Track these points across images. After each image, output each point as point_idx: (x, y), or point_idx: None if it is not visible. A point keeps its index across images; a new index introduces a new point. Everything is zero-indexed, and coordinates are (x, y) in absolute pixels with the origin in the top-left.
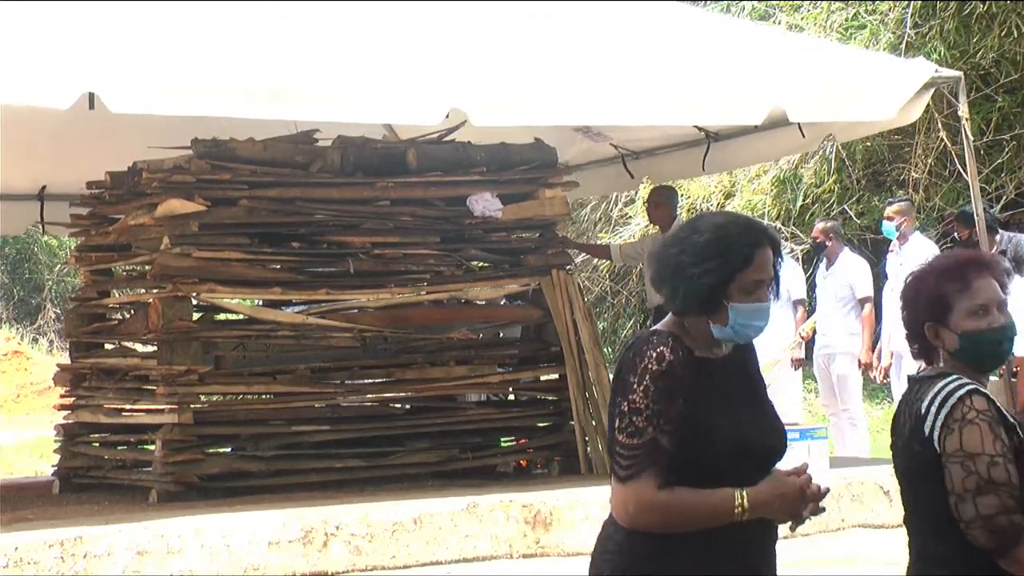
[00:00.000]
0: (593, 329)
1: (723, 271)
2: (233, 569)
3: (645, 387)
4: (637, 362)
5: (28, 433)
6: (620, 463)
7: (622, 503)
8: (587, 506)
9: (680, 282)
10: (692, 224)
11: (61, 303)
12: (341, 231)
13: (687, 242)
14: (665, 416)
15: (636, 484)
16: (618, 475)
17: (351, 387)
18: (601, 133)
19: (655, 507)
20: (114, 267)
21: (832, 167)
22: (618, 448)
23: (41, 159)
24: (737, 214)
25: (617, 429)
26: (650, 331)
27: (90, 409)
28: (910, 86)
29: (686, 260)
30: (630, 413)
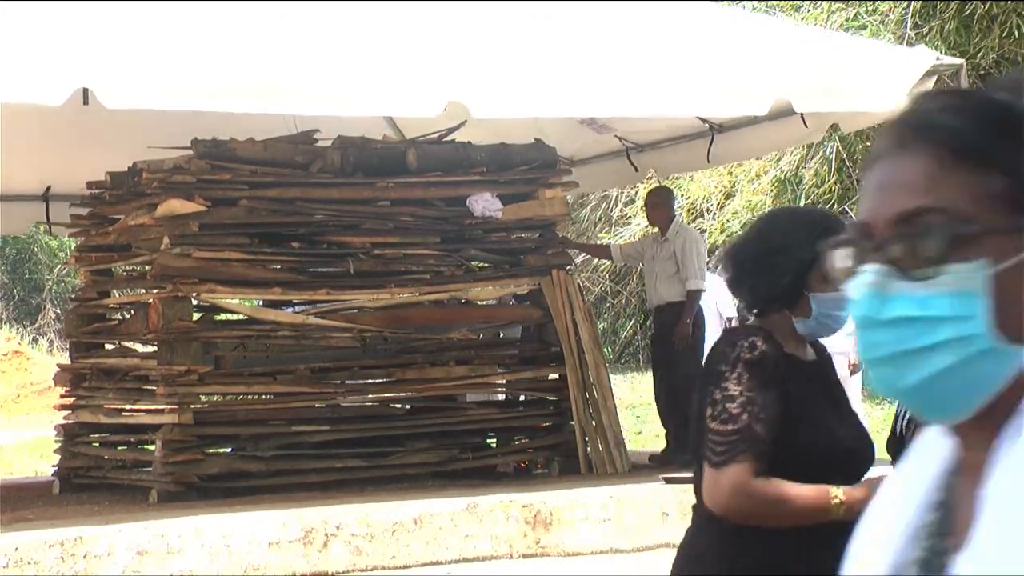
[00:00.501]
0: (593, 329)
1: (804, 260)
2: (233, 569)
3: (738, 375)
4: (728, 352)
5: (28, 433)
6: (714, 449)
7: (716, 488)
8: (587, 506)
9: (762, 276)
10: (768, 218)
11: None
12: (341, 231)
13: (766, 235)
14: (759, 404)
15: (730, 469)
16: (712, 461)
17: (351, 387)
18: (606, 125)
19: (751, 493)
20: (114, 267)
21: (833, 167)
22: (711, 436)
23: (46, 160)
24: (809, 207)
25: (709, 417)
26: (738, 327)
27: (90, 409)
28: (912, 74)
29: (767, 253)
30: (723, 400)
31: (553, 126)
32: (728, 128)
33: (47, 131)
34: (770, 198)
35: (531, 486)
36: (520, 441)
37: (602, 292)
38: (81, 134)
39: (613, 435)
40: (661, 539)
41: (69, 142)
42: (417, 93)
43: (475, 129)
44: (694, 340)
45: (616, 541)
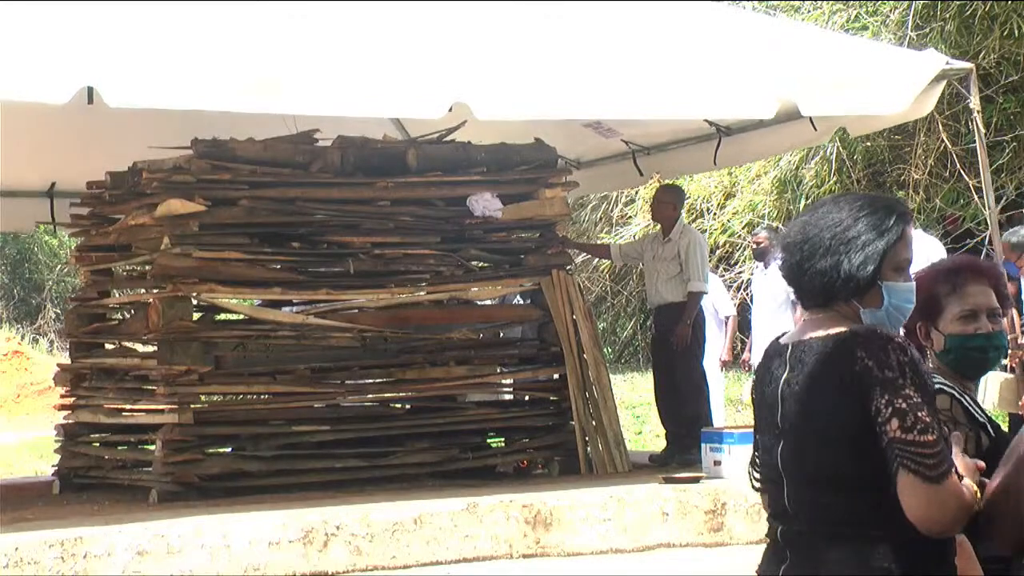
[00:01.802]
0: (593, 329)
1: (880, 248)
2: (233, 569)
3: (911, 379)
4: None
5: (28, 433)
6: (926, 463)
7: (938, 505)
8: (587, 506)
9: (838, 262)
10: (836, 206)
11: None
12: (341, 231)
13: (839, 221)
14: (934, 407)
15: (951, 482)
16: (929, 476)
17: (351, 387)
18: (612, 129)
19: (967, 505)
20: (114, 267)
21: (833, 168)
22: (913, 449)
23: (51, 156)
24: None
25: (902, 429)
26: (862, 326)
27: (90, 409)
28: (922, 78)
29: (844, 239)
30: (911, 410)
31: (558, 129)
32: (735, 131)
33: (52, 127)
34: (771, 198)
35: (531, 486)
36: (520, 441)
37: (602, 292)
38: (86, 131)
39: (613, 435)
40: (661, 539)
41: (74, 139)
42: (421, 94)
43: (478, 129)
44: (694, 341)
45: (616, 541)
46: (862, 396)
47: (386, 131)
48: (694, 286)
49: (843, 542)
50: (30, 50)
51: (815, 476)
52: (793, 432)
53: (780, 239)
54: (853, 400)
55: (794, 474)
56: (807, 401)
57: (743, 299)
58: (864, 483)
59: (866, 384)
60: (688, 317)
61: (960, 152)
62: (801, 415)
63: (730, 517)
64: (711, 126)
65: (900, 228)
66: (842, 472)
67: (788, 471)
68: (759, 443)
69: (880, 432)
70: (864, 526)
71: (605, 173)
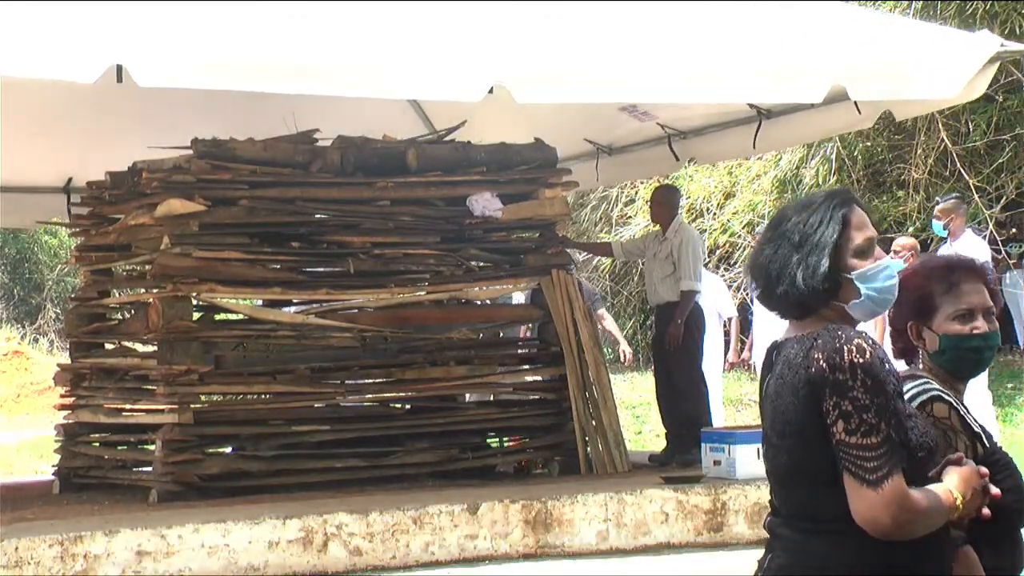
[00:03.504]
0: (593, 329)
1: (828, 243)
2: (233, 569)
3: (862, 381)
4: (838, 358)
5: (28, 433)
6: (864, 466)
7: (882, 508)
8: (587, 506)
9: (794, 275)
10: (777, 218)
11: (61, 303)
12: (341, 231)
13: (782, 234)
14: (887, 409)
15: (891, 485)
16: (866, 480)
17: (351, 387)
18: (648, 112)
19: (914, 508)
20: (114, 267)
21: (833, 167)
22: (854, 452)
23: (67, 151)
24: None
25: (845, 432)
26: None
27: (90, 409)
28: (975, 61)
29: (791, 250)
30: (857, 411)
31: (589, 111)
32: (776, 114)
33: (68, 121)
34: (770, 198)
35: (531, 486)
36: (520, 441)
37: (602, 292)
38: (103, 124)
39: (613, 435)
40: (661, 539)
41: (90, 134)
42: (459, 77)
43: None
44: (691, 341)
45: (616, 541)
46: (816, 396)
47: (412, 123)
48: (685, 285)
49: (820, 537)
50: (57, 27)
51: (788, 474)
52: (767, 431)
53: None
54: (809, 400)
55: (771, 471)
56: (776, 401)
57: (743, 299)
58: (825, 480)
59: (818, 385)
60: (680, 316)
61: (960, 152)
62: (769, 414)
63: (730, 517)
64: (752, 108)
65: (842, 213)
66: (811, 471)
67: (767, 468)
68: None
69: (830, 433)
70: (839, 522)
71: (639, 159)
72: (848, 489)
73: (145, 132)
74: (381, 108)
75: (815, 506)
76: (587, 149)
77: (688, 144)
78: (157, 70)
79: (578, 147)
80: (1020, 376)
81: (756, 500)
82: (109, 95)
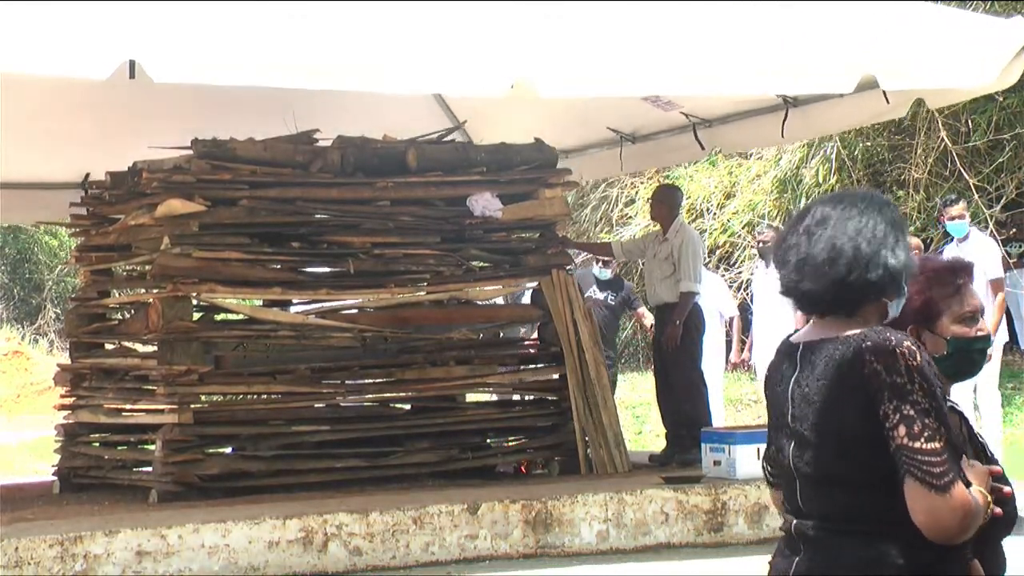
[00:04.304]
0: (593, 329)
1: (904, 239)
2: (233, 569)
3: (919, 384)
4: (895, 360)
5: (28, 433)
6: (931, 472)
7: (950, 514)
8: (587, 506)
9: (885, 267)
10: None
11: (61, 303)
12: (341, 231)
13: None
14: (943, 413)
15: (958, 491)
16: (934, 485)
17: (351, 387)
18: (671, 101)
19: (974, 512)
20: (114, 267)
21: (833, 167)
22: (920, 457)
23: (84, 147)
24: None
25: (908, 437)
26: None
27: (90, 409)
28: (1010, 48)
29: (880, 244)
30: (919, 416)
31: (612, 100)
32: (804, 102)
33: (86, 116)
34: (771, 198)
35: (531, 486)
36: (520, 441)
37: None
38: (121, 119)
39: (613, 435)
40: (661, 539)
41: (107, 130)
42: (481, 72)
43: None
44: (690, 341)
45: (616, 541)
46: (870, 400)
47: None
48: (685, 286)
49: (856, 539)
50: (70, 23)
51: (826, 476)
52: (803, 432)
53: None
54: (861, 403)
55: (805, 473)
56: (817, 402)
57: (743, 299)
58: (874, 484)
59: (874, 388)
60: (678, 317)
61: (960, 151)
62: (811, 416)
63: (730, 517)
64: (778, 97)
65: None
66: (852, 473)
67: (799, 470)
68: (772, 440)
69: (888, 437)
70: (876, 524)
71: (663, 147)
72: (912, 494)
73: (161, 127)
74: (407, 105)
75: (855, 508)
76: (610, 137)
77: (714, 132)
78: (172, 65)
79: (601, 135)
80: (1020, 376)
81: (756, 500)
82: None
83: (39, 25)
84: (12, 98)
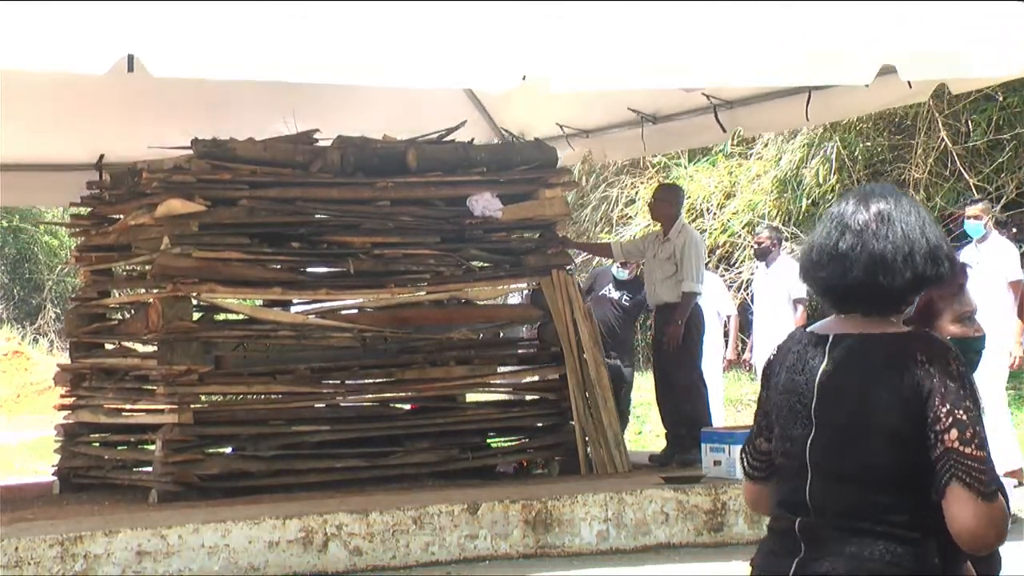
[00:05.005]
0: (593, 329)
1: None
2: (233, 569)
3: (970, 392)
4: (947, 366)
5: (28, 433)
6: (981, 479)
7: (992, 523)
8: (587, 506)
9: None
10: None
11: (61, 303)
12: (341, 231)
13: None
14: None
15: (1001, 502)
16: (982, 493)
17: (351, 387)
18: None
19: (1007, 524)
20: (114, 267)
21: (833, 167)
22: (971, 463)
23: (98, 127)
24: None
25: (960, 442)
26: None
27: (90, 409)
28: None
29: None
30: (971, 423)
31: None
32: (826, 85)
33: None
34: (770, 198)
35: (531, 486)
36: (520, 441)
37: None
38: (134, 100)
39: (613, 435)
40: (661, 539)
41: (122, 111)
42: (492, 65)
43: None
44: (691, 341)
45: (616, 541)
46: (920, 400)
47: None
48: (687, 287)
49: (872, 539)
50: (67, 17)
51: (853, 472)
52: (832, 425)
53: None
54: (909, 403)
55: (826, 467)
56: (856, 396)
57: (743, 299)
58: (903, 484)
59: (926, 389)
60: (680, 317)
61: (960, 151)
62: (846, 409)
63: (730, 517)
64: None
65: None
66: (882, 471)
67: (818, 464)
68: (779, 432)
69: (935, 439)
70: (898, 526)
71: (685, 128)
72: (957, 500)
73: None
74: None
75: (884, 509)
76: (631, 117)
77: (736, 114)
78: (171, 59)
79: (622, 116)
80: (1020, 376)
81: None
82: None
83: (37, 19)
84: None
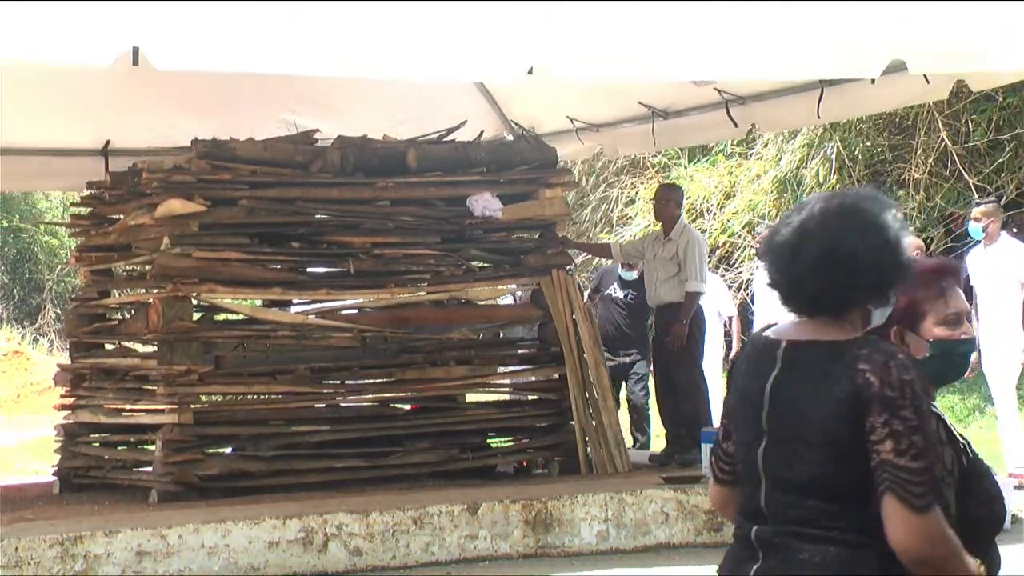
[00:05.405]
0: (593, 329)
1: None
2: (233, 569)
3: (911, 401)
4: (888, 375)
5: (28, 433)
6: (912, 491)
7: (923, 536)
8: (587, 506)
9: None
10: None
11: (61, 303)
12: (341, 231)
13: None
14: (932, 434)
15: (935, 515)
16: (913, 505)
17: (351, 387)
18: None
19: (949, 545)
20: (114, 267)
21: (833, 167)
22: (903, 474)
23: (105, 113)
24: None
25: (895, 453)
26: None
27: (90, 409)
28: None
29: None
30: (908, 433)
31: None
32: (840, 81)
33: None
34: (770, 198)
35: (531, 486)
36: (520, 441)
37: None
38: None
39: (613, 435)
40: (661, 539)
41: (129, 98)
42: (499, 57)
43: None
44: (692, 341)
45: (616, 541)
46: (859, 409)
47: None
48: (691, 286)
49: (824, 545)
50: (72, 9)
51: (800, 480)
52: (780, 433)
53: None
54: (849, 412)
55: (776, 475)
56: (800, 405)
57: (743, 299)
58: (850, 492)
59: (864, 398)
60: (684, 317)
61: (960, 151)
62: (792, 418)
63: None
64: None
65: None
66: (828, 480)
67: (769, 471)
68: (736, 439)
69: (872, 450)
70: (848, 532)
71: (697, 124)
72: (889, 511)
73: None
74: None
75: (827, 515)
76: (642, 112)
77: (748, 110)
78: (175, 52)
79: (633, 110)
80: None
81: None
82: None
83: (41, 11)
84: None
